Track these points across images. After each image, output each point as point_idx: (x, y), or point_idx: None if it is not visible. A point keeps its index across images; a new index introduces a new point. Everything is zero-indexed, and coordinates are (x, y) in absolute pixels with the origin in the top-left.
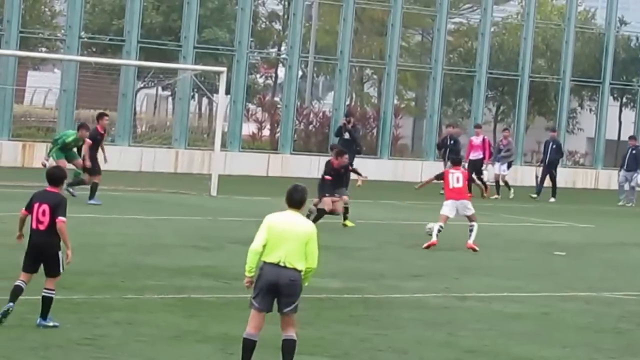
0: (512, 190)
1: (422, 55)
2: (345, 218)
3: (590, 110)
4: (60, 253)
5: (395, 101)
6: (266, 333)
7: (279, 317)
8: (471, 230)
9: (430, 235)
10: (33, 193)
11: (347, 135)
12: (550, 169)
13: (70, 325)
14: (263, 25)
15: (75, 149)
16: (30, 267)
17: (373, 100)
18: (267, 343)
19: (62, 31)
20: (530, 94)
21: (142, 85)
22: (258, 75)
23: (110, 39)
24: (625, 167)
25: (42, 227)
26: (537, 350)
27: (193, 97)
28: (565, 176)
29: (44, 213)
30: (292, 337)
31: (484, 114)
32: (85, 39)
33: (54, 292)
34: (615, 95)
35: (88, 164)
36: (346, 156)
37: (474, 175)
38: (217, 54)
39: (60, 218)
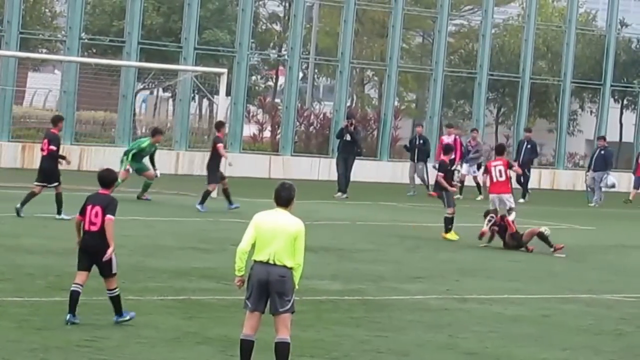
0: (481, 194)
1: (423, 56)
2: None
3: (591, 112)
4: (114, 254)
5: (396, 103)
6: (268, 335)
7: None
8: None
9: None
10: (86, 196)
11: (348, 137)
12: (523, 169)
13: (70, 327)
14: (264, 27)
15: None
16: (84, 266)
17: (374, 102)
18: (268, 345)
19: (63, 32)
20: (531, 96)
21: (142, 87)
22: (259, 77)
23: (110, 40)
24: (593, 167)
25: (94, 229)
26: (537, 353)
27: (193, 98)
28: (566, 178)
29: (96, 215)
30: (286, 339)
31: (484, 116)
32: (86, 40)
33: (117, 290)
34: (616, 97)
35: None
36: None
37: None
38: (218, 56)
39: (109, 216)
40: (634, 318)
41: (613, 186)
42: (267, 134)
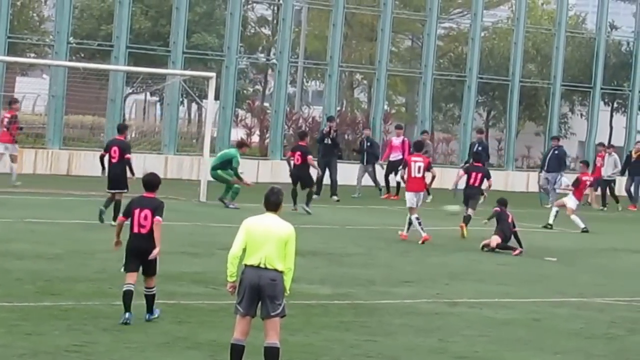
0: (430, 196)
1: (412, 60)
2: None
3: (581, 115)
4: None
5: (386, 107)
6: (257, 340)
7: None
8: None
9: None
10: (130, 200)
11: (328, 141)
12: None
13: (59, 332)
14: (252, 31)
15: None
16: (133, 267)
17: (363, 106)
18: (257, 350)
19: (51, 36)
20: (520, 99)
21: (130, 91)
22: (247, 81)
23: (98, 45)
24: (546, 168)
25: (143, 231)
26: (528, 357)
27: (182, 102)
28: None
29: (145, 218)
30: (276, 344)
31: (474, 119)
32: (74, 45)
33: (154, 289)
34: (606, 100)
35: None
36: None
37: (393, 176)
38: (206, 59)
39: (158, 218)
40: (625, 321)
41: (568, 186)
42: (255, 138)
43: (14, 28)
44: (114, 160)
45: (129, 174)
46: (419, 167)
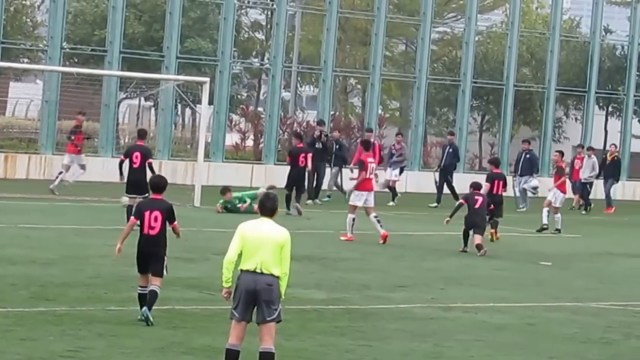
0: (396, 199)
1: (406, 64)
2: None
3: (576, 119)
4: (165, 256)
5: (380, 111)
6: (252, 345)
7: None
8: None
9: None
10: (138, 202)
11: (319, 145)
12: (445, 175)
13: (53, 337)
14: (246, 35)
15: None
16: (144, 268)
17: (357, 110)
18: (252, 355)
19: (44, 42)
20: (515, 103)
21: (124, 96)
22: (241, 86)
23: (92, 50)
24: (519, 172)
25: (153, 232)
26: None
27: (176, 107)
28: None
29: (155, 219)
30: (271, 349)
31: (469, 124)
32: (67, 50)
33: (159, 287)
34: (600, 104)
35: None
36: None
37: None
38: (200, 64)
39: (175, 224)
40: (620, 326)
41: (536, 189)
42: (249, 142)
43: (7, 33)
44: (135, 166)
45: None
46: (373, 168)
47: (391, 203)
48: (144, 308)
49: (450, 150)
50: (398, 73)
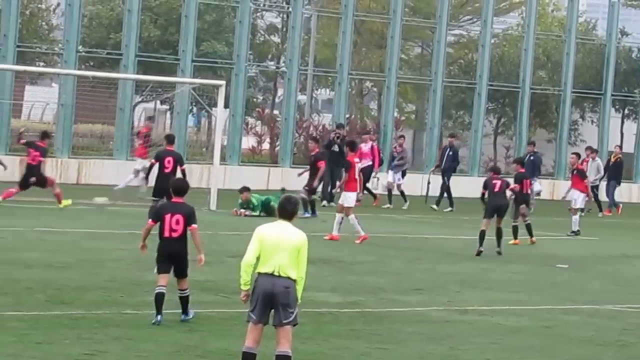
0: (407, 202)
1: (422, 67)
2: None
3: (592, 121)
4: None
5: (396, 114)
6: (267, 349)
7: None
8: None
9: None
10: (159, 205)
11: (336, 148)
12: (444, 177)
13: (69, 341)
14: (262, 38)
15: None
16: (166, 269)
17: (373, 113)
18: (268, 358)
19: (60, 45)
20: (531, 106)
21: (140, 100)
22: (257, 89)
23: (107, 53)
24: None
25: (175, 235)
26: None
27: (191, 110)
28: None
29: (177, 222)
30: (287, 352)
31: (484, 126)
32: (83, 53)
33: (187, 290)
34: (617, 107)
35: None
36: None
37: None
38: (216, 68)
39: (194, 226)
40: (637, 329)
41: (538, 193)
42: (266, 145)
43: (23, 37)
44: (166, 171)
45: None
46: (359, 168)
47: (386, 205)
48: (182, 316)
49: (450, 152)
50: (414, 76)
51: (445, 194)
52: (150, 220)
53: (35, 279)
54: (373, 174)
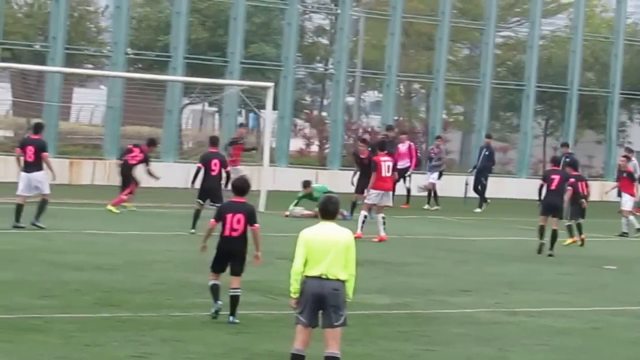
0: (435, 203)
1: (470, 69)
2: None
3: None
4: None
5: (444, 115)
6: (315, 350)
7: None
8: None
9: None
10: (221, 205)
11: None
12: (479, 177)
13: (117, 343)
14: (310, 40)
15: None
16: (220, 268)
17: (421, 115)
18: None
19: (108, 48)
20: (579, 108)
21: (188, 102)
22: (305, 91)
23: (156, 55)
24: None
25: (235, 234)
26: None
27: (240, 112)
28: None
29: (238, 221)
30: (337, 354)
31: (532, 128)
32: (131, 55)
33: (239, 290)
34: None
35: None
36: None
37: (402, 184)
38: (264, 70)
39: (256, 225)
40: None
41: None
42: (314, 147)
43: (71, 39)
44: (213, 173)
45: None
46: (389, 167)
47: (426, 206)
48: (230, 317)
49: (487, 152)
50: (462, 77)
51: (480, 195)
52: (212, 220)
53: (84, 281)
54: (408, 173)
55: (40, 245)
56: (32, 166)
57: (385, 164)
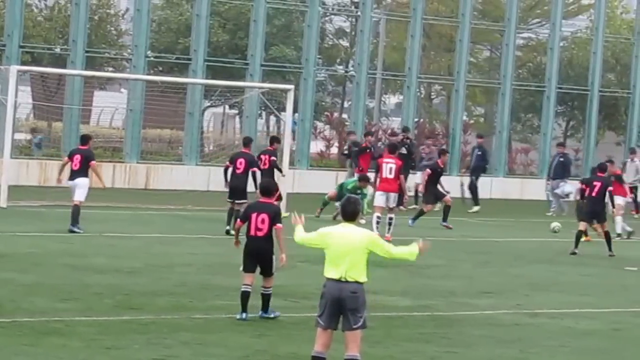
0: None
1: (491, 70)
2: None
3: None
4: (274, 256)
5: (464, 117)
6: (337, 352)
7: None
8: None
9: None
10: (247, 205)
11: (403, 150)
12: (471, 176)
13: (139, 346)
14: (330, 43)
15: None
16: (251, 268)
17: (442, 117)
18: None
19: (129, 50)
20: (600, 109)
21: (209, 104)
22: (326, 93)
23: (176, 58)
24: (552, 175)
25: (260, 234)
26: None
27: (260, 115)
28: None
29: (263, 221)
30: (357, 356)
31: (553, 129)
32: (152, 58)
33: (270, 289)
34: None
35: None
36: None
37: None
38: (284, 72)
39: (279, 225)
40: None
41: (568, 195)
42: (334, 150)
43: (92, 42)
44: (238, 172)
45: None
46: (391, 169)
47: (412, 206)
48: (261, 312)
49: (479, 152)
50: (482, 79)
51: (471, 194)
52: (239, 220)
53: (104, 284)
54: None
55: (62, 249)
56: (76, 174)
57: (387, 165)
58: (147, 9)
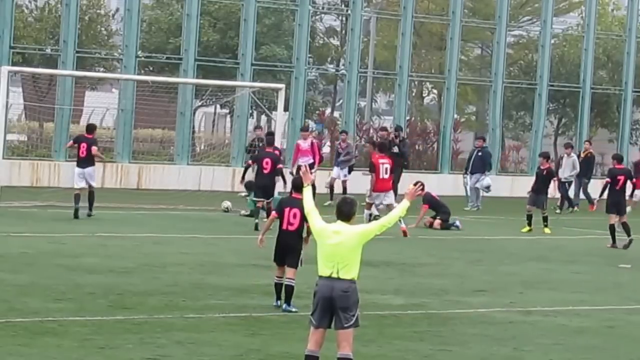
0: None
1: (482, 68)
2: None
3: None
4: (302, 251)
5: (456, 115)
6: (329, 351)
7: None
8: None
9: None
10: (280, 199)
11: (395, 149)
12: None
13: (132, 346)
14: (321, 41)
15: None
16: (280, 261)
17: (433, 115)
18: None
19: (119, 50)
20: (592, 106)
21: (200, 104)
22: (317, 92)
23: (167, 58)
24: (471, 170)
25: (291, 228)
26: None
27: (251, 114)
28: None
29: (294, 216)
30: (348, 355)
31: (545, 127)
32: (142, 58)
33: (294, 280)
34: None
35: None
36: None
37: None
38: (275, 71)
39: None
40: None
41: (488, 188)
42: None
43: (82, 42)
44: (265, 171)
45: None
46: (387, 169)
47: (328, 203)
48: (284, 305)
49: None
50: (474, 77)
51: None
52: (274, 212)
53: (97, 284)
54: (313, 170)
55: (54, 249)
56: (85, 162)
57: (383, 166)
58: (138, 9)
